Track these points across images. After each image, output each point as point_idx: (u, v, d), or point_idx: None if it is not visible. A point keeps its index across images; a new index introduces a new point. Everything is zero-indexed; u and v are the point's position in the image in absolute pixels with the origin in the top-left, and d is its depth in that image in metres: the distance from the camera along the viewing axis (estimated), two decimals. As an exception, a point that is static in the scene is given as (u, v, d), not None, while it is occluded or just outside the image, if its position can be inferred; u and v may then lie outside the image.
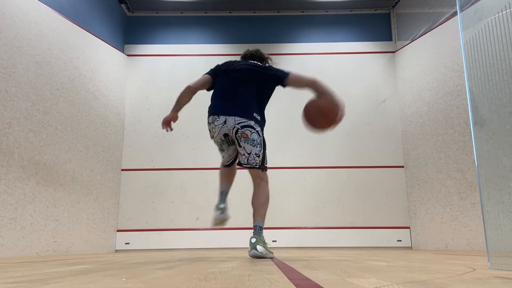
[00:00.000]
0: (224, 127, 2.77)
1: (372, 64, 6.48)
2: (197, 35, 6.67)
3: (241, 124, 2.72)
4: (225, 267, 1.76)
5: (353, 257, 2.82)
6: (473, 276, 1.28)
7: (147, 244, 5.77)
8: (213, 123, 2.86)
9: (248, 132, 2.73)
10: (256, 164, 2.78)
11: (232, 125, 2.73)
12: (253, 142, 2.75)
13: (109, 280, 1.23)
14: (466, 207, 4.93)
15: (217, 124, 2.82)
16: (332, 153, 6.16)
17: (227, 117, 2.75)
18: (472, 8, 1.32)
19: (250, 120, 2.74)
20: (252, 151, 2.75)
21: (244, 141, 2.74)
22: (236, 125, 2.72)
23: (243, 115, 2.74)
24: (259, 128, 2.81)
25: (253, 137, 2.75)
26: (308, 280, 1.19)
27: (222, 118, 2.78)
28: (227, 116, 2.76)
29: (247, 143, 2.74)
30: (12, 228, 3.92)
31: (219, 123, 2.81)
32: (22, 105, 4.15)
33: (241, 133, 2.73)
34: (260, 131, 2.83)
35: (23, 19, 4.27)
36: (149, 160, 6.12)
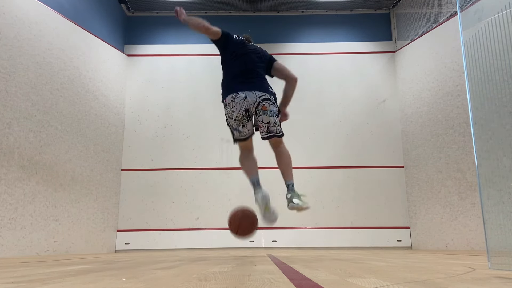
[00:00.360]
0: (246, 102, 2.98)
1: (372, 64, 6.48)
2: (197, 35, 6.63)
3: (262, 97, 2.99)
4: (225, 267, 1.76)
5: (353, 257, 2.83)
6: (473, 276, 1.28)
7: (147, 244, 5.77)
8: (233, 101, 3.01)
9: (267, 104, 3.01)
10: (278, 131, 3.05)
11: (254, 99, 2.97)
12: (271, 113, 3.02)
13: (109, 280, 1.23)
14: (466, 207, 4.93)
15: (237, 101, 2.99)
16: (332, 153, 6.16)
17: (248, 92, 2.98)
18: (472, 8, 1.32)
19: (267, 93, 3.04)
20: (270, 120, 3.01)
21: (263, 113, 3.00)
22: (258, 98, 2.97)
23: (262, 90, 3.03)
24: (274, 100, 3.10)
25: (271, 108, 3.03)
26: (308, 280, 1.19)
27: (242, 94, 2.98)
28: (248, 92, 2.99)
29: (265, 115, 3.01)
30: (12, 228, 3.92)
31: (239, 100, 2.99)
32: (22, 105, 4.15)
33: (262, 106, 2.99)
34: (276, 102, 3.11)
35: (23, 19, 4.27)
36: (149, 160, 6.12)
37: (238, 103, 2.98)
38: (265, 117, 3.01)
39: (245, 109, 2.99)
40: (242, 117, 3.03)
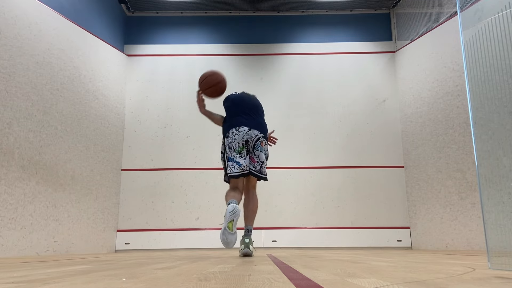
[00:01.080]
0: (248, 134, 3.16)
1: (372, 64, 6.48)
2: (197, 35, 6.67)
3: (261, 134, 3.21)
4: (225, 267, 1.76)
5: (353, 257, 2.83)
6: (473, 276, 1.28)
7: (147, 244, 5.77)
8: (237, 130, 3.17)
9: (264, 141, 3.22)
10: (265, 175, 3.22)
11: (256, 134, 3.17)
12: (265, 152, 3.22)
13: (109, 280, 1.23)
14: (466, 207, 4.93)
15: (242, 130, 3.16)
16: (332, 153, 6.16)
17: (251, 128, 3.19)
18: (472, 8, 1.32)
19: (265, 134, 3.27)
20: (264, 161, 3.20)
21: (260, 149, 3.18)
22: (259, 133, 3.19)
23: (261, 130, 3.25)
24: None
25: (265, 148, 3.24)
26: (308, 280, 1.19)
27: (246, 127, 3.18)
28: (252, 126, 3.20)
29: (262, 152, 3.19)
30: (12, 228, 3.92)
31: (244, 130, 3.17)
32: (22, 105, 4.15)
33: (261, 141, 3.18)
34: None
35: (23, 19, 4.27)
36: (149, 160, 6.12)
37: (242, 132, 3.14)
38: (261, 154, 3.18)
39: (246, 140, 3.14)
40: (242, 147, 3.14)
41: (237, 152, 3.12)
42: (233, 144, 3.13)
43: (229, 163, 3.13)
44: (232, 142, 3.13)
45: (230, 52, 6.58)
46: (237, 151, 3.12)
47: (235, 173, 3.09)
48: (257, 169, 3.14)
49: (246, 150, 3.14)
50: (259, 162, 3.16)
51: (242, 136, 3.13)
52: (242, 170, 3.10)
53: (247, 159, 3.14)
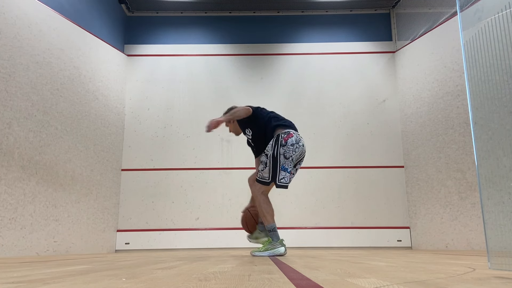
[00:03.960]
0: (303, 148, 3.13)
1: (372, 64, 6.48)
2: (197, 35, 6.67)
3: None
4: (225, 267, 1.76)
5: (353, 257, 2.83)
6: (473, 276, 1.28)
7: (147, 244, 5.77)
8: (298, 143, 3.04)
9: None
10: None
11: (304, 150, 3.16)
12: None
13: (109, 280, 1.23)
14: (466, 207, 4.93)
15: (301, 144, 3.08)
16: (332, 153, 6.16)
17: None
18: (472, 8, 1.32)
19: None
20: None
21: (299, 164, 3.19)
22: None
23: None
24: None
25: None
26: (308, 280, 1.19)
27: (303, 141, 3.12)
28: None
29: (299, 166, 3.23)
30: (12, 228, 3.92)
31: (302, 143, 3.10)
32: (22, 105, 4.15)
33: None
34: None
35: (23, 19, 4.27)
36: (149, 160, 6.12)
37: (301, 147, 3.05)
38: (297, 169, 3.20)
39: (303, 155, 3.14)
40: (296, 161, 3.10)
41: (293, 163, 3.05)
42: (293, 156, 2.99)
43: (283, 173, 2.98)
44: (292, 154, 2.98)
45: (230, 52, 6.58)
46: (293, 163, 3.05)
47: (287, 183, 3.03)
48: (290, 181, 3.14)
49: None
50: (295, 174, 3.18)
51: (300, 151, 3.07)
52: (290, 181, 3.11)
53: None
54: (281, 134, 3.01)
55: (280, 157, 2.95)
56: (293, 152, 2.98)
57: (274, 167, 2.96)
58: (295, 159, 3.02)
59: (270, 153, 3.01)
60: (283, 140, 2.98)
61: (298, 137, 3.05)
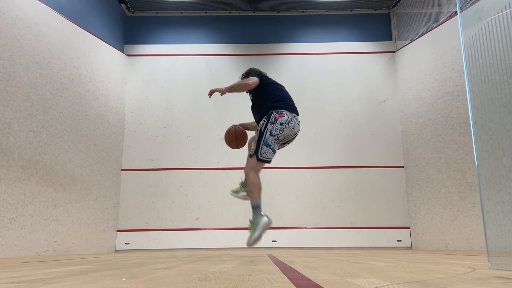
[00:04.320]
0: (295, 130, 3.13)
1: (372, 64, 6.48)
2: (197, 35, 6.67)
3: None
4: (225, 267, 1.76)
5: (353, 257, 2.82)
6: (473, 276, 1.28)
7: (147, 244, 5.77)
8: (290, 122, 3.07)
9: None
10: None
11: (298, 130, 3.17)
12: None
13: (109, 280, 1.23)
14: (466, 207, 4.93)
15: (294, 125, 3.09)
16: (332, 153, 6.16)
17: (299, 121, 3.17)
18: (472, 8, 1.32)
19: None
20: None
21: (290, 142, 3.22)
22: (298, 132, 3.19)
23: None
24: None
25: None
26: (308, 280, 1.19)
27: (297, 122, 3.13)
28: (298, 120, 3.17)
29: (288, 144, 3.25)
30: (12, 228, 3.92)
31: (296, 125, 3.11)
32: (22, 105, 4.15)
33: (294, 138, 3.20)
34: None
35: (23, 19, 4.27)
36: (149, 160, 6.12)
37: (298, 125, 3.11)
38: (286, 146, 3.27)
39: (295, 134, 3.15)
40: (283, 139, 3.13)
41: (280, 141, 3.09)
42: (281, 135, 3.03)
43: (268, 148, 3.02)
44: (280, 132, 3.01)
45: (230, 52, 6.58)
46: (282, 140, 3.08)
47: (269, 159, 3.07)
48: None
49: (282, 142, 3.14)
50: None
51: (291, 132, 3.08)
52: (272, 158, 3.11)
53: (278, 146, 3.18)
54: (273, 112, 3.09)
55: (266, 133, 3.05)
56: (280, 131, 3.03)
57: (259, 141, 3.06)
58: (281, 137, 3.09)
59: (259, 127, 3.12)
60: (274, 118, 3.06)
61: (290, 118, 3.09)
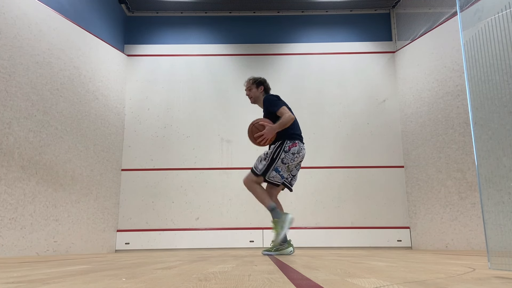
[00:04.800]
0: (304, 152, 3.40)
1: (372, 64, 6.48)
2: (197, 35, 6.67)
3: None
4: (225, 267, 1.76)
5: (353, 257, 2.83)
6: (473, 276, 1.28)
7: (147, 244, 5.77)
8: (299, 152, 3.30)
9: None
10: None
11: (303, 155, 3.40)
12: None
13: (109, 280, 1.23)
14: (466, 207, 4.93)
15: (301, 154, 3.33)
16: (332, 153, 6.16)
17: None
18: (472, 8, 1.32)
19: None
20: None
21: (298, 170, 3.45)
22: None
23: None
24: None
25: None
26: (308, 280, 1.19)
27: (305, 150, 3.40)
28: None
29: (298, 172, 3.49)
30: (12, 228, 3.92)
31: (303, 154, 3.35)
32: (22, 105, 4.15)
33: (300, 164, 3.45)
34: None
35: (23, 19, 4.27)
36: (149, 160, 6.12)
37: (301, 157, 3.31)
38: (297, 174, 3.45)
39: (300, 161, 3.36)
40: (296, 164, 3.34)
41: (289, 171, 3.31)
42: (291, 164, 3.26)
43: (275, 172, 3.25)
44: (290, 162, 3.24)
45: (230, 52, 6.58)
46: (293, 166, 3.31)
47: (277, 182, 3.31)
48: (292, 183, 3.42)
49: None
50: (296, 178, 3.44)
51: (299, 160, 3.33)
52: (280, 182, 3.34)
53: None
54: (287, 141, 3.26)
55: (278, 161, 3.23)
56: (291, 160, 3.25)
57: (269, 166, 3.24)
58: (291, 167, 3.30)
59: (271, 152, 3.26)
60: (288, 147, 3.24)
61: (300, 147, 3.30)
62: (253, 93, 3.55)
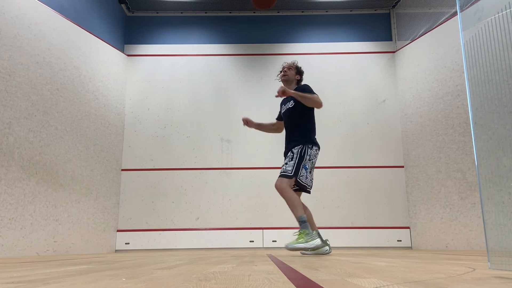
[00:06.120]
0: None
1: (372, 64, 6.48)
2: (197, 35, 6.67)
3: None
4: (225, 267, 1.76)
5: (353, 257, 2.82)
6: (473, 276, 1.28)
7: (147, 244, 5.77)
8: (317, 152, 3.43)
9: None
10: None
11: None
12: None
13: (109, 280, 1.23)
14: (466, 207, 4.93)
15: (317, 153, 3.43)
16: (332, 153, 6.16)
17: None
18: (472, 8, 1.32)
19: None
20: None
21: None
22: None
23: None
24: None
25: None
26: (308, 280, 1.19)
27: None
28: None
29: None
30: (12, 228, 3.92)
31: (318, 153, 3.45)
32: (22, 105, 4.15)
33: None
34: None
35: (23, 19, 4.27)
36: (149, 160, 6.12)
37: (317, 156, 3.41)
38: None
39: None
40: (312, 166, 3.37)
41: (311, 168, 3.34)
42: (314, 161, 3.36)
43: (304, 171, 3.27)
44: (314, 159, 3.35)
45: (230, 52, 6.58)
46: (311, 168, 3.35)
47: (305, 184, 3.32)
48: (312, 185, 3.45)
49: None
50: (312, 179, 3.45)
51: (316, 159, 3.43)
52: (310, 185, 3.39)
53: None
54: (307, 144, 3.36)
55: (306, 157, 3.28)
56: (314, 157, 3.34)
57: (299, 164, 3.25)
58: (313, 165, 3.38)
59: (297, 152, 3.31)
60: (311, 146, 3.36)
61: (318, 149, 3.44)
62: (291, 74, 3.65)
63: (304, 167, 3.23)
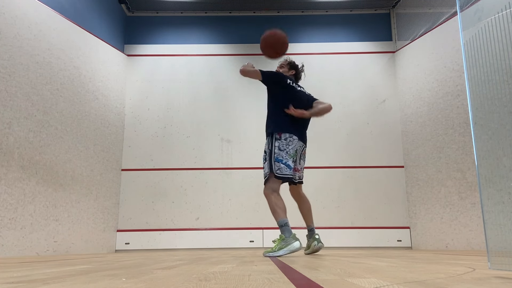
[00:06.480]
0: (298, 143, 3.34)
1: (372, 64, 6.48)
2: (197, 35, 6.67)
3: (305, 145, 3.54)
4: (225, 267, 1.76)
5: (353, 257, 2.82)
6: (473, 276, 1.28)
7: (147, 244, 5.77)
8: (291, 137, 3.29)
9: (305, 150, 3.51)
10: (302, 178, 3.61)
11: (302, 144, 3.44)
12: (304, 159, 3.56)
13: (109, 280, 1.23)
14: (466, 207, 4.93)
15: (292, 139, 3.30)
16: (332, 153, 6.16)
17: (301, 137, 3.42)
18: (472, 8, 1.32)
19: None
20: (303, 166, 3.56)
21: (303, 158, 3.47)
22: (304, 144, 3.45)
23: (306, 138, 3.53)
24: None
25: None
26: (308, 280, 1.19)
27: (296, 137, 3.34)
28: (301, 136, 3.43)
29: (303, 160, 3.49)
30: (12, 228, 3.92)
31: (295, 139, 3.32)
32: (22, 105, 4.15)
33: (303, 152, 3.43)
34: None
35: (23, 19, 4.27)
36: (149, 160, 6.12)
37: (296, 141, 3.22)
38: (303, 163, 3.39)
39: (296, 148, 3.23)
40: (294, 153, 3.23)
41: (291, 156, 3.19)
42: (288, 149, 3.18)
43: (278, 164, 3.13)
44: (287, 147, 3.18)
45: (230, 52, 6.58)
46: (290, 156, 3.19)
47: (288, 175, 3.17)
48: (301, 176, 3.41)
49: (298, 157, 3.29)
50: (301, 169, 3.38)
51: (295, 144, 3.23)
52: (296, 178, 3.29)
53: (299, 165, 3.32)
54: (274, 133, 3.21)
55: (275, 149, 3.15)
56: (286, 145, 3.15)
57: (270, 160, 3.16)
58: (291, 152, 3.17)
59: (266, 148, 3.24)
60: (277, 134, 3.19)
61: (291, 133, 3.20)
62: (284, 72, 3.78)
63: (277, 160, 3.09)
